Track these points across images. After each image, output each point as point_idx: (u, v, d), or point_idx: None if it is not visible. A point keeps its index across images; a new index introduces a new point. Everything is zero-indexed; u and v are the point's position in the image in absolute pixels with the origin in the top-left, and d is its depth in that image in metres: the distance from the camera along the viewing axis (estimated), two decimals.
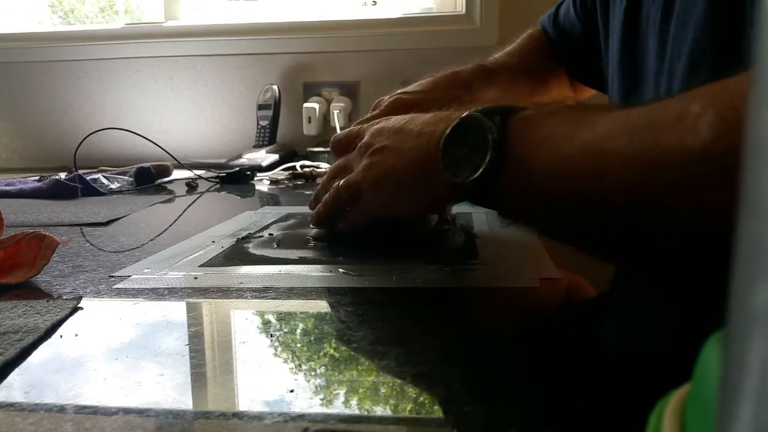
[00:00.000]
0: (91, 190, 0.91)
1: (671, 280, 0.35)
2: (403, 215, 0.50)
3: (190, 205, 0.86)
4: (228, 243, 0.54)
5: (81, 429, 0.23)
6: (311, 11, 1.48)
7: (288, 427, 0.23)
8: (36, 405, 0.25)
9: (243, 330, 0.34)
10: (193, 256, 0.49)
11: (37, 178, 1.01)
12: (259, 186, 1.03)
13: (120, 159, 1.32)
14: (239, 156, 1.25)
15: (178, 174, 1.11)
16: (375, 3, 1.48)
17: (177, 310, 0.37)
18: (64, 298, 0.38)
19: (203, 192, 0.97)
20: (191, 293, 0.40)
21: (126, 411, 0.24)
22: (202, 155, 1.36)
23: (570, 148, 0.32)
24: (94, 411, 0.24)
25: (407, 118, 0.47)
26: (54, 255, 0.45)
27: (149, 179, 1.04)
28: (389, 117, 0.50)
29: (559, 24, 0.70)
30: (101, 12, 1.81)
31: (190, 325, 0.34)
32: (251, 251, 0.51)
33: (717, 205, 0.25)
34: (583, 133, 0.32)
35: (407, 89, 0.63)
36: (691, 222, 0.27)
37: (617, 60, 0.55)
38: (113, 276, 0.44)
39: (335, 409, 0.24)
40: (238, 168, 1.09)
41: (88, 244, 0.57)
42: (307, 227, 0.59)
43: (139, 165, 1.06)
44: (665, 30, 0.46)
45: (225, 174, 1.06)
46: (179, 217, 0.76)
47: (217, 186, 1.02)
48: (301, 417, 0.23)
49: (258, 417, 0.23)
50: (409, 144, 0.44)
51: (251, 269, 0.45)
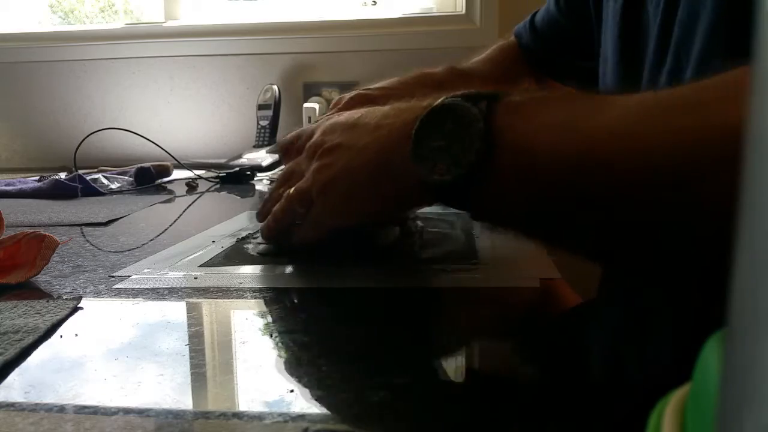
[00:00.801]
0: (91, 190, 0.91)
1: (671, 280, 0.34)
2: (362, 226, 0.44)
3: (190, 205, 0.86)
4: (228, 243, 0.54)
5: (81, 429, 0.23)
6: (311, 11, 1.48)
7: (288, 427, 0.23)
8: (36, 405, 0.25)
9: (243, 330, 0.34)
10: (193, 256, 0.49)
11: (37, 178, 1.01)
12: (259, 186, 1.02)
13: (120, 159, 1.32)
14: (239, 156, 1.25)
15: (178, 174, 1.10)
16: (375, 3, 1.48)
17: (177, 310, 0.37)
18: (64, 298, 0.38)
19: (203, 192, 0.97)
20: (191, 293, 0.40)
21: (126, 411, 0.24)
22: (202, 155, 1.36)
23: (578, 133, 0.28)
24: (94, 411, 0.24)
25: (362, 111, 0.41)
26: (54, 255, 0.45)
27: (149, 179, 1.04)
28: (341, 112, 0.45)
29: (537, 28, 0.69)
30: (101, 12, 1.81)
31: (190, 325, 0.34)
32: (251, 251, 0.51)
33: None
34: (595, 118, 0.28)
35: (372, 86, 0.57)
36: (719, 208, 0.23)
37: (613, 56, 0.54)
38: (113, 276, 0.44)
39: (335, 409, 0.24)
40: (238, 168, 1.09)
41: (88, 244, 0.57)
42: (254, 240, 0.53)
43: (139, 165, 1.06)
44: (667, 33, 0.45)
45: (225, 174, 1.06)
46: (179, 217, 0.76)
47: (217, 186, 1.02)
48: (301, 417, 0.23)
49: (258, 417, 0.23)
50: (365, 140, 0.38)
51: (251, 269, 0.45)
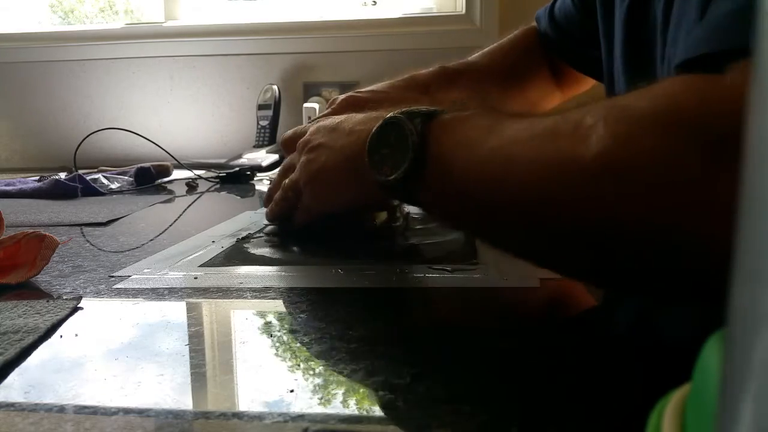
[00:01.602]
0: (91, 190, 0.91)
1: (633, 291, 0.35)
2: (344, 212, 0.52)
3: (190, 205, 0.86)
4: (228, 243, 0.54)
5: (81, 429, 0.23)
6: (311, 11, 1.48)
7: (288, 427, 0.23)
8: (36, 405, 0.25)
9: (243, 330, 0.34)
10: (193, 256, 0.49)
11: (37, 178, 1.01)
12: (259, 186, 1.03)
13: (120, 159, 1.32)
14: (239, 156, 1.25)
15: (178, 174, 1.10)
16: (375, 3, 1.48)
17: (177, 310, 0.37)
18: (64, 298, 0.38)
19: (203, 192, 0.97)
20: (191, 293, 0.40)
21: (126, 411, 0.24)
22: (202, 155, 1.36)
23: (481, 151, 0.34)
24: (94, 411, 0.24)
25: (343, 117, 0.49)
26: (54, 255, 0.45)
27: (149, 179, 1.04)
28: (330, 116, 0.52)
29: (555, 17, 0.70)
30: (101, 12, 1.81)
31: (190, 325, 0.34)
32: (251, 251, 0.51)
33: (610, 216, 0.27)
34: (492, 138, 0.33)
35: (363, 89, 0.63)
36: (588, 231, 0.28)
37: (621, 58, 0.54)
38: (113, 276, 0.44)
39: (335, 409, 0.24)
40: (238, 168, 1.09)
41: (88, 244, 0.57)
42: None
43: (139, 165, 1.06)
44: (665, 32, 0.45)
45: (225, 174, 1.06)
46: (179, 217, 0.76)
47: (217, 186, 1.02)
48: (301, 417, 0.23)
49: (258, 417, 0.23)
50: (341, 142, 0.46)
51: (251, 269, 0.45)
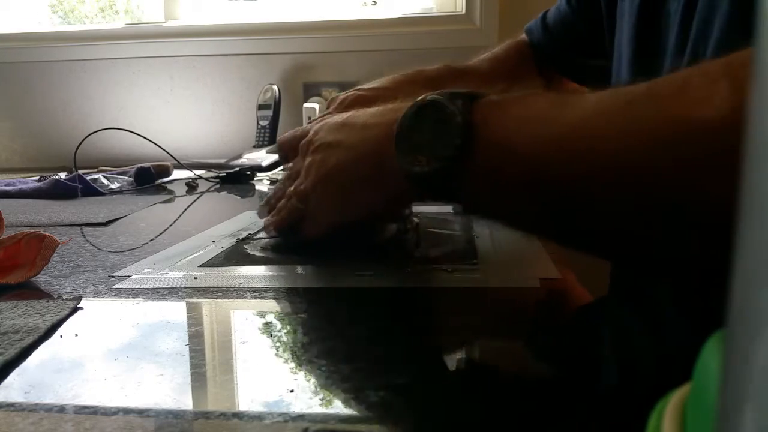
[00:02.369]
0: (91, 190, 0.91)
1: (670, 278, 0.34)
2: (358, 223, 0.45)
3: (190, 205, 0.86)
4: (228, 243, 0.54)
5: (81, 429, 0.23)
6: (311, 11, 1.48)
7: (288, 427, 0.23)
8: (36, 405, 0.25)
9: (243, 330, 0.34)
10: (193, 256, 0.49)
11: (37, 178, 1.01)
12: (259, 186, 1.03)
13: (120, 159, 1.32)
14: (239, 156, 1.25)
15: (178, 174, 1.10)
16: (375, 3, 1.48)
17: (177, 310, 0.37)
18: (64, 298, 0.38)
19: (203, 192, 0.97)
20: (191, 293, 0.40)
21: (126, 411, 0.24)
22: (202, 155, 1.36)
23: (557, 127, 0.29)
24: (94, 411, 0.24)
25: (353, 112, 0.43)
26: (54, 255, 0.45)
27: (149, 179, 1.04)
28: (332, 113, 0.47)
29: (549, 26, 0.69)
30: (101, 12, 1.80)
31: (190, 325, 0.34)
32: (251, 251, 0.51)
33: (730, 192, 0.23)
34: (570, 112, 0.29)
35: (367, 85, 0.59)
36: (701, 210, 0.24)
37: (629, 55, 0.53)
38: (113, 276, 0.44)
39: (335, 409, 0.24)
40: (238, 168, 1.09)
41: (88, 244, 0.57)
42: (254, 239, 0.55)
43: (139, 165, 1.06)
44: (687, 27, 0.44)
45: (225, 174, 1.06)
46: (179, 217, 0.76)
47: (217, 186, 1.02)
48: (301, 417, 0.23)
49: (258, 417, 0.23)
50: (355, 138, 0.40)
51: (251, 269, 0.45)
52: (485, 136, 0.32)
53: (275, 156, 1.23)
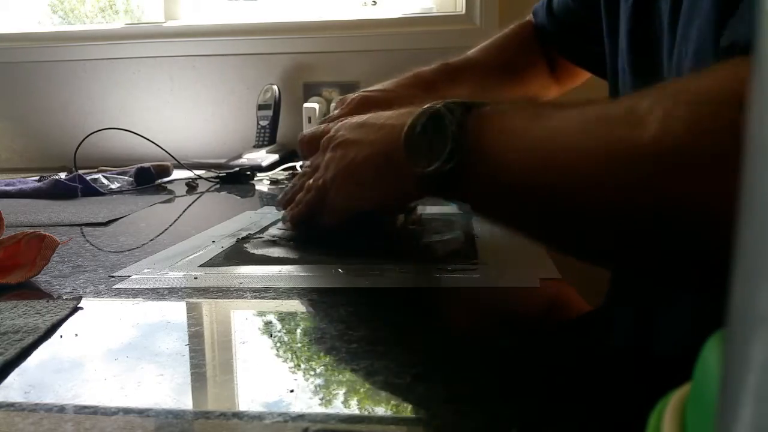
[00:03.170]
0: (91, 190, 0.91)
1: (670, 279, 0.34)
2: (371, 213, 0.50)
3: (190, 205, 0.86)
4: (228, 243, 0.54)
5: (81, 429, 0.23)
6: (311, 11, 1.48)
7: (288, 427, 0.23)
8: (36, 405, 0.25)
9: (243, 330, 0.34)
10: (193, 256, 0.49)
11: (37, 178, 1.01)
12: (259, 186, 1.03)
13: (120, 159, 1.32)
14: (239, 156, 1.25)
15: (178, 174, 1.10)
16: (375, 3, 1.48)
17: (177, 310, 0.37)
18: (64, 298, 0.38)
19: (203, 192, 0.97)
20: (191, 293, 0.40)
21: (126, 411, 0.24)
22: (202, 155, 1.36)
23: (526, 141, 0.33)
24: (94, 411, 0.24)
25: (371, 114, 0.48)
26: (54, 255, 0.45)
27: (149, 179, 1.04)
28: (352, 116, 0.51)
29: (554, 10, 0.70)
30: (101, 12, 1.80)
31: (190, 325, 0.34)
32: (251, 251, 0.51)
33: (668, 200, 0.26)
34: (538, 127, 0.33)
35: (372, 88, 0.64)
36: (642, 215, 0.27)
37: (627, 53, 0.54)
38: (113, 276, 0.44)
39: (335, 409, 0.24)
40: (238, 168, 1.09)
41: (88, 244, 0.57)
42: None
43: (139, 165, 1.06)
44: (675, 27, 0.45)
45: (225, 174, 1.06)
46: (179, 217, 0.76)
47: (217, 186, 1.02)
48: (301, 417, 0.23)
49: (258, 417, 0.23)
50: (371, 137, 0.45)
51: (251, 269, 0.45)
52: (474, 145, 0.36)
53: (275, 156, 1.23)
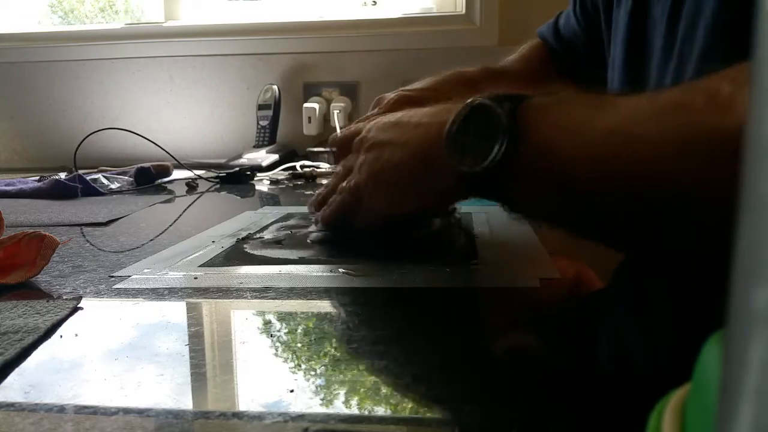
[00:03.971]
0: (91, 190, 0.91)
1: (673, 277, 0.34)
2: (408, 216, 0.48)
3: (190, 205, 0.86)
4: (228, 243, 0.54)
5: (81, 429, 0.23)
6: (311, 11, 1.48)
7: (288, 427, 0.23)
8: (36, 405, 0.25)
9: (243, 330, 0.34)
10: (193, 256, 0.49)
11: (37, 178, 1.01)
12: (259, 186, 1.03)
13: (120, 159, 1.32)
14: (239, 156, 1.25)
15: (178, 174, 1.10)
16: (375, 3, 1.48)
17: (177, 310, 0.37)
18: (64, 298, 0.38)
19: (203, 192, 0.97)
20: (191, 293, 0.40)
21: (126, 411, 0.24)
22: (202, 155, 1.36)
23: (594, 132, 0.31)
24: (94, 411, 0.24)
25: (406, 112, 0.45)
26: (54, 255, 0.45)
27: (149, 179, 1.04)
28: (387, 114, 0.49)
29: (561, 33, 0.70)
30: (101, 12, 1.80)
31: (190, 325, 0.34)
32: (251, 251, 0.51)
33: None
34: (607, 117, 0.31)
35: (410, 86, 0.61)
36: (723, 206, 0.26)
37: (621, 63, 0.54)
38: (113, 276, 0.44)
39: (335, 409, 0.24)
40: (238, 168, 1.09)
41: (88, 244, 0.57)
42: (306, 229, 0.58)
43: (139, 165, 1.06)
44: (673, 29, 0.45)
45: (225, 174, 1.06)
46: (179, 217, 0.76)
47: (217, 186, 1.02)
48: (301, 417, 0.23)
49: (258, 417, 0.23)
50: (407, 136, 0.42)
51: (251, 269, 0.45)
52: (528, 140, 0.33)
53: (275, 156, 1.23)
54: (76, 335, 0.32)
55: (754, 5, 0.09)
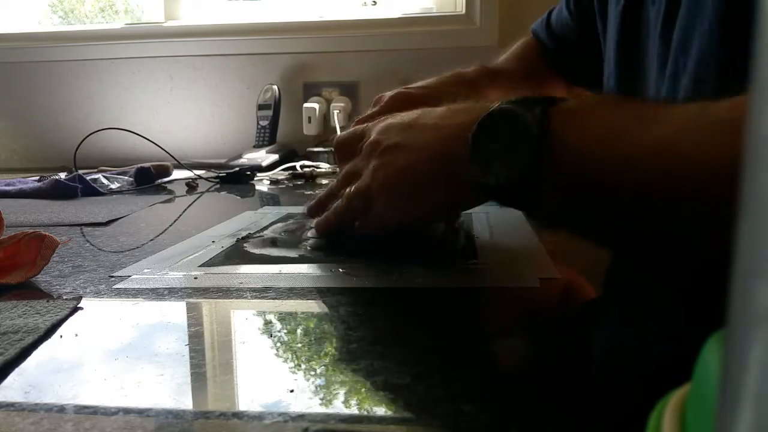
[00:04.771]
0: (91, 190, 0.91)
1: (672, 279, 0.34)
2: (417, 223, 0.46)
3: (190, 205, 0.86)
4: (228, 243, 0.54)
5: (81, 429, 0.23)
6: (311, 11, 1.48)
7: (288, 427, 0.23)
8: (36, 405, 0.25)
9: (243, 330, 0.34)
10: (193, 256, 0.49)
11: (37, 178, 1.01)
12: (259, 186, 1.03)
13: (120, 159, 1.32)
14: (239, 156, 1.25)
15: (178, 174, 1.11)
16: (375, 3, 1.48)
17: (177, 310, 0.37)
18: (64, 298, 0.38)
19: (203, 192, 0.97)
20: (191, 293, 0.40)
21: (126, 411, 0.24)
22: (202, 155, 1.36)
23: (639, 146, 0.29)
24: (94, 411, 0.24)
25: (418, 112, 0.43)
26: (54, 255, 0.45)
27: (149, 179, 1.04)
28: (395, 114, 0.46)
29: (552, 28, 0.70)
30: (101, 12, 1.80)
31: (190, 325, 0.34)
32: (251, 251, 0.51)
33: None
34: (653, 129, 0.29)
35: (410, 86, 0.60)
36: None
37: (614, 59, 0.54)
38: (113, 276, 0.44)
39: (335, 409, 0.24)
40: (238, 168, 1.09)
41: (88, 244, 0.57)
42: (304, 230, 0.56)
43: (139, 165, 1.06)
44: (668, 35, 0.45)
45: (225, 174, 1.06)
46: (179, 217, 0.76)
47: (217, 186, 1.02)
48: (301, 417, 0.23)
49: (258, 417, 0.23)
50: (425, 139, 0.40)
51: (251, 269, 0.45)
52: (561, 150, 0.31)
53: (275, 156, 1.23)
54: (76, 335, 0.32)
55: (750, 13, 0.09)
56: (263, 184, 1.05)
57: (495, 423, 0.23)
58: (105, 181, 0.98)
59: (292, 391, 0.26)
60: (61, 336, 0.32)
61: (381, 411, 0.24)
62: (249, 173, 1.07)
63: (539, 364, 0.29)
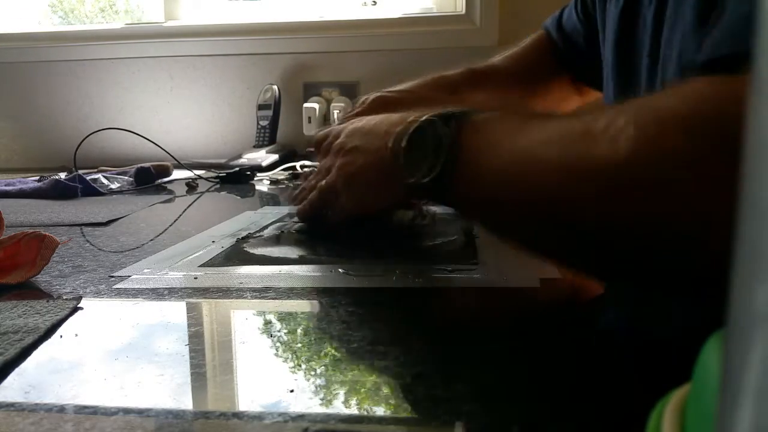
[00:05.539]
0: (91, 190, 0.91)
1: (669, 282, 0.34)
2: (376, 212, 0.54)
3: (190, 205, 0.86)
4: (228, 243, 0.54)
5: (81, 429, 0.23)
6: (311, 11, 1.48)
7: (288, 427, 0.23)
8: (36, 405, 0.25)
9: (243, 330, 0.34)
10: (193, 256, 0.49)
11: (37, 178, 1.01)
12: (259, 186, 1.03)
13: (120, 159, 1.32)
14: (239, 156, 1.25)
15: (178, 174, 1.10)
16: (375, 3, 1.48)
17: (177, 310, 0.37)
18: (64, 298, 0.38)
19: (203, 192, 0.97)
20: (191, 293, 0.40)
21: (126, 411, 0.24)
22: (202, 155, 1.36)
23: (506, 153, 0.34)
24: (94, 411, 0.24)
25: (379, 118, 0.49)
26: (54, 255, 0.45)
27: (149, 179, 1.04)
28: (363, 118, 0.53)
29: (563, 28, 0.70)
30: (101, 12, 1.80)
31: (190, 325, 0.34)
32: (251, 251, 0.51)
33: (631, 218, 0.27)
34: (519, 139, 0.34)
35: (391, 88, 0.64)
36: (612, 229, 0.28)
37: (612, 60, 0.55)
38: (113, 276, 0.44)
39: (335, 409, 0.24)
40: (238, 168, 1.09)
41: (88, 244, 0.57)
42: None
43: (139, 165, 1.06)
44: (659, 31, 0.46)
45: (225, 174, 1.06)
46: (179, 217, 0.76)
47: (217, 186, 1.02)
48: (301, 417, 0.23)
49: (258, 417, 0.23)
50: (377, 144, 0.46)
51: (251, 269, 0.45)
52: (464, 158, 0.37)
53: (275, 156, 1.23)
54: (76, 335, 0.32)
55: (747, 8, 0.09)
56: (263, 184, 1.05)
57: (495, 423, 0.23)
58: (105, 181, 0.98)
59: (292, 391, 0.26)
60: (61, 336, 0.32)
61: (381, 411, 0.24)
62: (249, 173, 1.07)
63: (539, 364, 0.29)
